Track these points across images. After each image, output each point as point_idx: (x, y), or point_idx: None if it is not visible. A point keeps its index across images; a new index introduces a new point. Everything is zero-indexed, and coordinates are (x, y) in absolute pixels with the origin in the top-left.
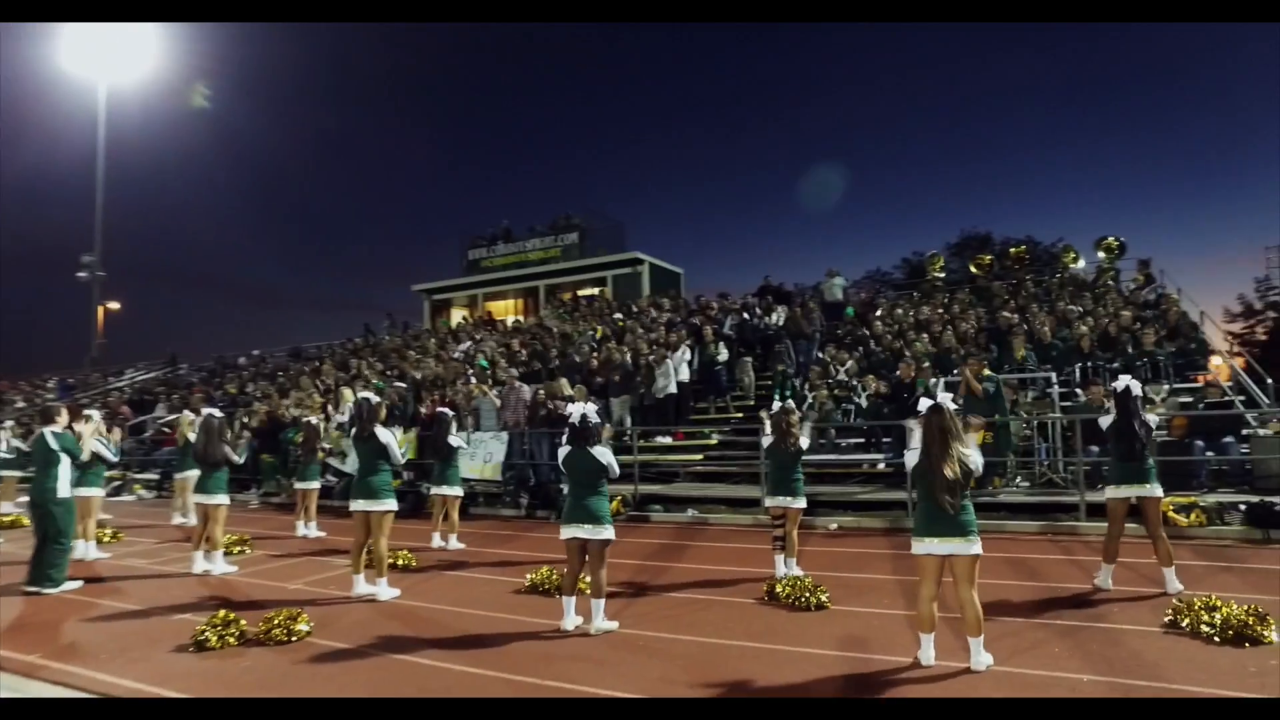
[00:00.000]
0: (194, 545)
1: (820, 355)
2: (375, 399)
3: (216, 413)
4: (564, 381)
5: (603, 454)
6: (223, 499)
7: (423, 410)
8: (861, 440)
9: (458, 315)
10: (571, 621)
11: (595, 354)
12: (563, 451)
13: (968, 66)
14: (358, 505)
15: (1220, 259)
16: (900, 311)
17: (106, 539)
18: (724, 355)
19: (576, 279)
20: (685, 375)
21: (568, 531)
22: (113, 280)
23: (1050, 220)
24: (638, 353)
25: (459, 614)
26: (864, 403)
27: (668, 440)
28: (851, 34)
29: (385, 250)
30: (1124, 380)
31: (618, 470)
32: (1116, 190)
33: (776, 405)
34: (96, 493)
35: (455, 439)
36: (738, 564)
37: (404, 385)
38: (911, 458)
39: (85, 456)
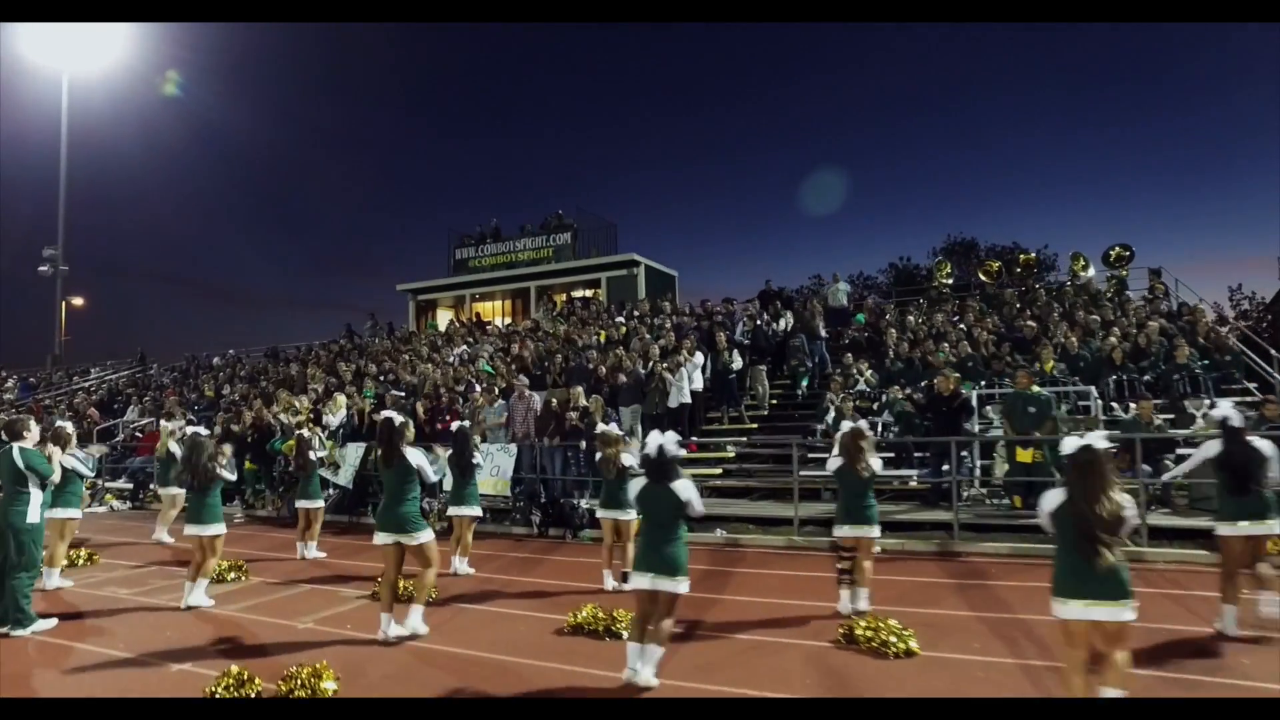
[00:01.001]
0: (190, 576)
1: (824, 361)
2: (399, 418)
3: (203, 430)
4: (579, 390)
5: (685, 489)
6: (219, 529)
7: (420, 413)
8: (891, 455)
9: (443, 316)
10: (641, 665)
11: (603, 360)
12: (635, 487)
13: (956, 70)
14: (386, 539)
15: (1207, 263)
16: (912, 319)
17: (81, 561)
18: (738, 363)
19: (569, 280)
20: (699, 384)
21: (639, 581)
22: (76, 275)
23: (1034, 226)
24: (648, 359)
25: (502, 663)
26: (891, 416)
27: (682, 453)
28: (843, 33)
29: (367, 249)
30: (1223, 409)
31: (701, 508)
32: (1096, 195)
33: (847, 425)
34: (74, 514)
35: (477, 456)
36: (791, 595)
37: (402, 393)
38: (1050, 499)
39: (56, 477)
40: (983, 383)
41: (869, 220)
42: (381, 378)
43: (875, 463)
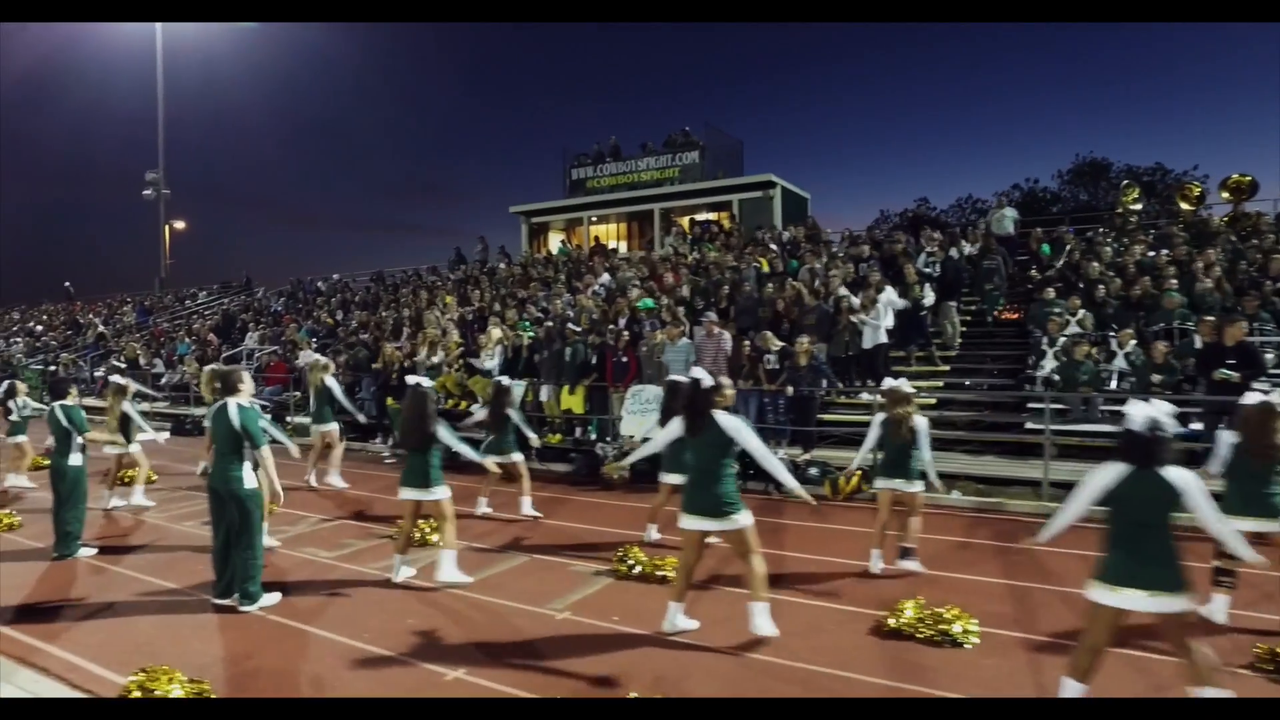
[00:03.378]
0: (400, 548)
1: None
2: (707, 378)
3: (426, 381)
4: (768, 335)
5: (1188, 481)
6: (444, 493)
7: (620, 356)
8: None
9: (555, 239)
10: None
11: (779, 293)
12: (1109, 475)
13: None
14: (694, 524)
15: None
16: (1108, 250)
17: None
18: (930, 298)
19: (696, 202)
20: (892, 321)
21: (1119, 598)
22: (176, 200)
23: (1171, 145)
24: (828, 292)
25: (838, 680)
26: (1125, 363)
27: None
28: None
29: (469, 170)
30: None
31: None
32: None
33: (1253, 397)
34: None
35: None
36: None
37: (578, 328)
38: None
39: (267, 451)
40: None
41: (977, 141)
42: (530, 305)
43: None
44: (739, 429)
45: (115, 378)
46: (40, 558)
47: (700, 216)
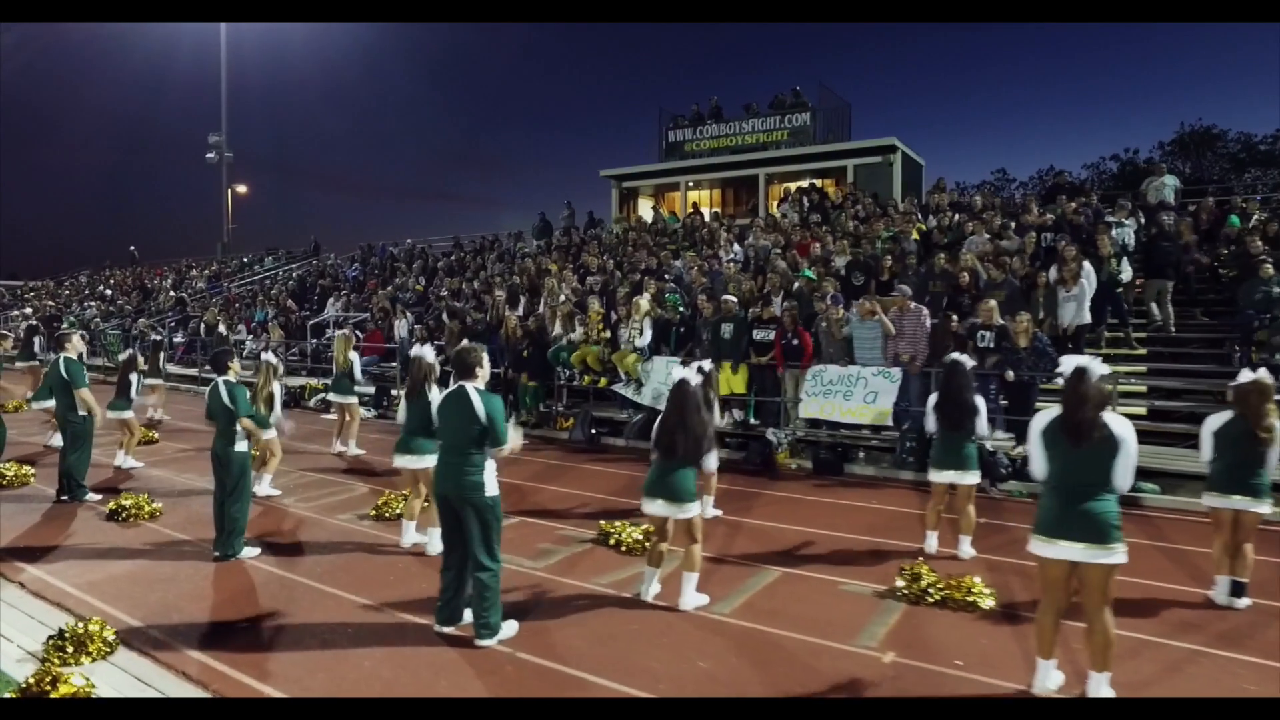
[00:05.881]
0: (650, 561)
1: None
2: (1101, 368)
3: (694, 375)
4: (993, 304)
5: None
6: (695, 508)
7: (793, 335)
8: None
9: (644, 205)
10: None
11: (953, 265)
12: None
13: None
14: (1062, 552)
15: None
16: None
17: (396, 508)
18: (1127, 274)
19: (804, 168)
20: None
21: None
22: (237, 165)
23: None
24: (1006, 265)
25: None
26: None
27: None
28: None
29: (542, 138)
30: None
31: None
32: None
33: None
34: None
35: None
36: None
37: (733, 299)
38: None
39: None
40: None
41: (1053, 113)
42: (666, 275)
43: None
44: (1131, 444)
45: (267, 355)
46: (197, 556)
47: (809, 182)
